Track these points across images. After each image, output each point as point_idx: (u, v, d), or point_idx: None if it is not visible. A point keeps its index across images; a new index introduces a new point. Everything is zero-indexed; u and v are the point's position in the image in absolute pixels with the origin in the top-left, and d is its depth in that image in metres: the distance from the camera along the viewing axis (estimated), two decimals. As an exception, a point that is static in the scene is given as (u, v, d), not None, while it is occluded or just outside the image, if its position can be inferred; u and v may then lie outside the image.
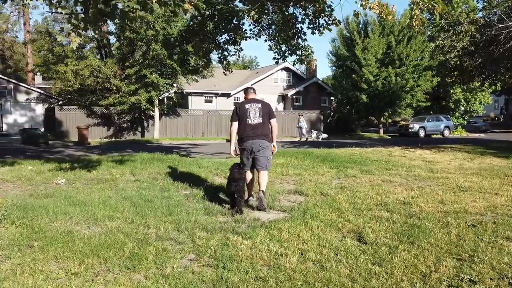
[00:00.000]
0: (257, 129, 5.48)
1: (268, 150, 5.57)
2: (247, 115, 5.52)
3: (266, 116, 5.58)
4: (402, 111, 29.08)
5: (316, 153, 11.33)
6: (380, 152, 12.20)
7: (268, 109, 5.67)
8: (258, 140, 5.45)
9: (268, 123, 5.62)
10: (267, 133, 5.58)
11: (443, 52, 14.23)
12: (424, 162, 10.41)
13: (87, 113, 21.72)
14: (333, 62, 31.41)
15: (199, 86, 31.30)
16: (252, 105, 5.60)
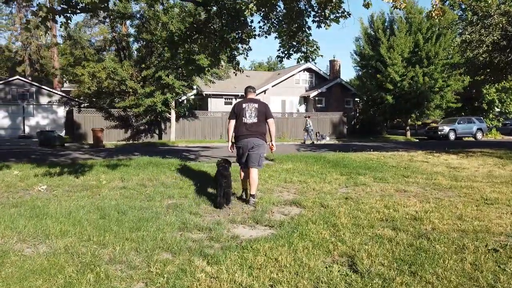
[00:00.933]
0: (252, 128, 5.64)
1: (262, 148, 5.71)
2: (243, 114, 5.68)
3: (262, 115, 5.71)
4: (431, 112, 27.58)
5: (329, 158, 10.57)
6: (400, 157, 11.28)
7: (264, 109, 5.78)
8: (252, 138, 5.62)
9: (265, 123, 5.76)
10: (262, 131, 5.73)
11: (471, 48, 13.05)
12: (448, 168, 9.45)
13: (105, 116, 21.76)
14: (357, 62, 30.29)
15: (219, 88, 30.96)
16: (248, 105, 5.74)
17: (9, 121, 24.34)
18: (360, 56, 29.68)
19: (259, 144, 5.65)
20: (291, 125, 28.57)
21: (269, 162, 10.08)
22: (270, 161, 10.41)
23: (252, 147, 5.62)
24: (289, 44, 8.22)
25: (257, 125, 5.65)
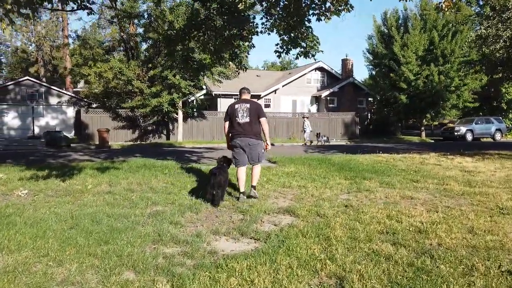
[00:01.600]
0: (245, 128, 5.79)
1: (259, 146, 5.93)
2: (235, 115, 5.85)
3: (254, 115, 5.83)
4: (446, 112, 26.64)
5: (334, 160, 10.05)
6: (411, 160, 10.67)
7: (256, 109, 5.90)
8: (246, 138, 5.81)
9: (258, 122, 5.89)
10: (256, 131, 5.89)
11: (487, 44, 12.29)
12: (461, 172, 8.84)
13: (112, 116, 21.63)
14: (369, 60, 29.53)
15: (228, 88, 30.58)
16: (241, 105, 5.88)
17: (19, 121, 24.51)
18: (373, 55, 28.92)
19: (255, 143, 5.86)
20: (301, 126, 27.97)
21: (271, 165, 9.63)
22: (272, 164, 9.96)
23: (248, 146, 5.82)
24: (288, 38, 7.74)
25: (249, 124, 5.80)
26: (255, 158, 5.89)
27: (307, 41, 7.55)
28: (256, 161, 5.90)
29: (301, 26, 7.18)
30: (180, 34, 9.31)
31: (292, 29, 7.34)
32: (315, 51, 7.67)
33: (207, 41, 9.92)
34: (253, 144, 5.83)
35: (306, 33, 7.34)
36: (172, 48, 9.67)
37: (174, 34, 9.40)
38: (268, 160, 10.53)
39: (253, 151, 5.85)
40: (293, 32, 7.45)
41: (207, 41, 9.91)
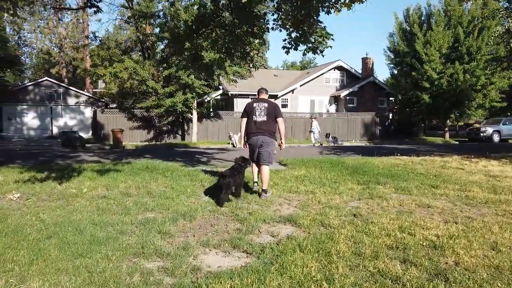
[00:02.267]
0: (261, 126, 6.01)
1: (271, 145, 6.09)
2: (253, 113, 6.07)
3: (271, 114, 6.04)
4: (472, 112, 25.48)
5: (348, 163, 9.53)
6: (432, 163, 10.03)
7: (273, 109, 6.12)
8: (262, 136, 6.01)
9: (274, 121, 6.09)
10: (271, 130, 6.08)
11: None
12: (486, 177, 8.18)
13: (127, 116, 21.65)
14: (391, 59, 28.63)
15: (245, 88, 30.28)
16: (259, 104, 6.14)
17: (38, 121, 24.92)
18: (394, 53, 28.02)
19: (268, 141, 6.03)
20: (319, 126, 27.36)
21: (281, 167, 9.20)
22: (282, 166, 9.53)
23: (261, 144, 6.01)
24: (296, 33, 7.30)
25: (266, 123, 6.01)
26: (266, 157, 6.03)
27: (315, 35, 7.09)
28: (266, 161, 6.04)
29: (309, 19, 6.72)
30: (187, 31, 9.00)
31: (300, 23, 6.90)
32: (324, 46, 7.20)
33: (216, 39, 9.58)
34: (266, 142, 6.02)
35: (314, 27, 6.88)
36: (180, 46, 9.37)
37: (182, 31, 9.09)
38: (278, 163, 10.12)
39: (264, 149, 6.02)
40: (301, 27, 7.00)
41: (216, 39, 9.57)
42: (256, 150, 6.07)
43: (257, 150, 6.05)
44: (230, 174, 5.56)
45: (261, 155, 6.02)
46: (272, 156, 6.18)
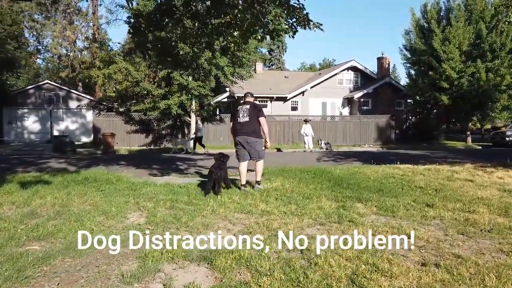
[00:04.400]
0: (243, 127, 6.47)
1: (257, 144, 6.53)
2: (238, 115, 6.58)
3: (254, 115, 6.47)
4: (496, 115, 23.42)
5: (334, 174, 8.18)
6: (437, 173, 8.54)
7: (255, 110, 6.55)
8: (245, 136, 6.48)
9: (257, 121, 6.50)
10: (254, 130, 6.49)
11: None
12: (500, 192, 6.70)
13: (125, 120, 20.87)
14: (407, 58, 26.85)
15: (253, 90, 29.10)
16: (242, 107, 6.61)
17: (39, 125, 24.54)
18: (411, 51, 26.26)
19: (253, 141, 6.46)
20: (328, 130, 25.91)
21: (253, 179, 7.95)
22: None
23: (249, 144, 6.46)
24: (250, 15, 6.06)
25: (247, 123, 6.44)
26: (255, 155, 6.54)
27: (269, 16, 5.86)
28: (256, 157, 6.57)
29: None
30: (150, 22, 7.91)
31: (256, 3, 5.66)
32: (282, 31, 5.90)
33: (184, 31, 8.46)
34: (251, 142, 6.46)
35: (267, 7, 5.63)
36: (141, 39, 8.30)
37: (143, 21, 8.01)
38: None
39: (252, 148, 6.48)
40: (254, 8, 5.76)
41: (185, 31, 8.44)
42: (242, 148, 6.54)
43: (244, 149, 6.51)
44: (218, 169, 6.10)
45: (251, 154, 6.53)
46: (262, 152, 6.64)
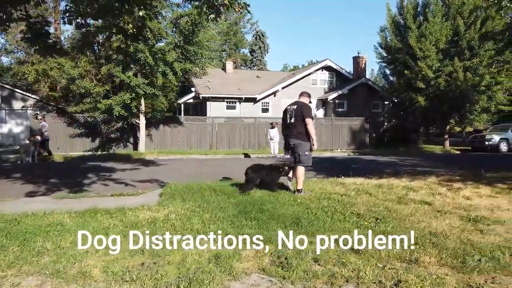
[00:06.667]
0: (290, 129, 6.43)
1: (299, 147, 6.28)
2: (286, 116, 6.58)
3: (299, 116, 6.26)
4: (475, 117, 21.89)
5: (255, 194, 6.27)
6: (389, 191, 6.70)
7: (301, 109, 6.29)
8: (290, 138, 6.43)
9: (302, 123, 6.23)
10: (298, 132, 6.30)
11: None
12: (462, 222, 4.92)
13: (68, 122, 18.72)
14: (382, 56, 25.20)
15: (220, 91, 27.26)
16: (290, 107, 6.52)
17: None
18: (386, 50, 24.62)
19: (296, 143, 6.29)
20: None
21: (151, 201, 5.98)
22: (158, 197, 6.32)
23: (292, 147, 6.39)
24: None
25: (293, 125, 6.28)
26: (297, 159, 6.25)
27: None
28: (298, 162, 6.24)
29: None
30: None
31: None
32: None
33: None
34: (294, 144, 6.28)
35: None
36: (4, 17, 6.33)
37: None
38: (160, 185, 6.95)
39: (295, 151, 6.29)
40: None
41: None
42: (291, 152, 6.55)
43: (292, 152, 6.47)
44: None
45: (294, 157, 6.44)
46: (305, 157, 6.24)
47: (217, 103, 26.84)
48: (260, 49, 67.21)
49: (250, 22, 67.67)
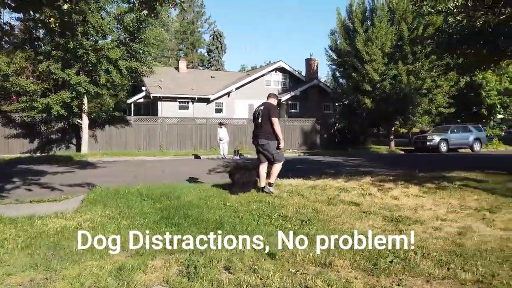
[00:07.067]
0: (258, 129, 6.64)
1: (267, 146, 6.51)
2: (255, 117, 6.67)
3: (265, 116, 6.47)
4: (417, 119, 22.94)
5: (185, 199, 6.04)
6: (322, 192, 6.73)
7: (267, 110, 6.52)
8: (257, 138, 6.63)
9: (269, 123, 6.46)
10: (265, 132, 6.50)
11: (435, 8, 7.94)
12: (385, 222, 5.01)
13: (2, 122, 17.44)
14: (332, 59, 25.76)
15: (172, 90, 26.65)
16: (259, 107, 6.70)
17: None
18: (336, 53, 25.20)
19: (263, 143, 6.48)
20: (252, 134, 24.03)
21: (66, 208, 5.58)
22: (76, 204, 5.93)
23: (260, 147, 6.57)
24: None
25: (261, 125, 6.47)
26: (269, 157, 6.52)
27: None
28: (271, 160, 6.52)
29: None
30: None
31: None
32: None
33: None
34: (263, 144, 6.48)
35: None
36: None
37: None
38: (91, 189, 6.54)
39: (263, 151, 6.53)
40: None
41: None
42: (259, 151, 6.68)
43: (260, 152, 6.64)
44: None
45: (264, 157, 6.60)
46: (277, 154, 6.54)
47: (169, 103, 26.20)
48: (217, 49, 66.77)
49: (208, 22, 67.09)
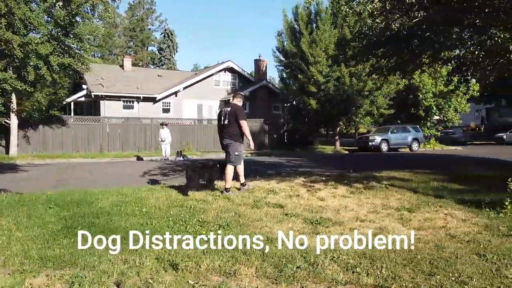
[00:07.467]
0: (224, 129, 6.59)
1: (230, 147, 6.50)
2: (220, 118, 6.73)
3: (232, 117, 6.53)
4: (360, 120, 23.73)
5: (99, 204, 5.67)
6: (252, 193, 6.61)
7: (234, 111, 6.59)
8: (224, 139, 6.61)
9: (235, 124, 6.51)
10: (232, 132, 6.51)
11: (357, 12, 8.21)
12: (304, 225, 4.97)
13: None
14: (279, 60, 25.99)
15: (115, 89, 25.59)
16: (224, 109, 6.78)
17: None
18: (283, 54, 25.45)
19: (227, 143, 6.47)
20: (199, 134, 23.66)
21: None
22: None
23: (226, 147, 6.54)
24: None
25: (227, 126, 6.45)
26: (228, 158, 6.49)
27: None
28: (228, 161, 6.47)
29: None
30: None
31: None
32: None
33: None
34: (227, 144, 6.46)
35: None
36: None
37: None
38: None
39: (227, 151, 6.48)
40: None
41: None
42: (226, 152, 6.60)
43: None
44: None
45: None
46: (236, 157, 6.49)
47: (112, 102, 25.10)
48: (169, 48, 65.44)
49: (159, 19, 65.48)
